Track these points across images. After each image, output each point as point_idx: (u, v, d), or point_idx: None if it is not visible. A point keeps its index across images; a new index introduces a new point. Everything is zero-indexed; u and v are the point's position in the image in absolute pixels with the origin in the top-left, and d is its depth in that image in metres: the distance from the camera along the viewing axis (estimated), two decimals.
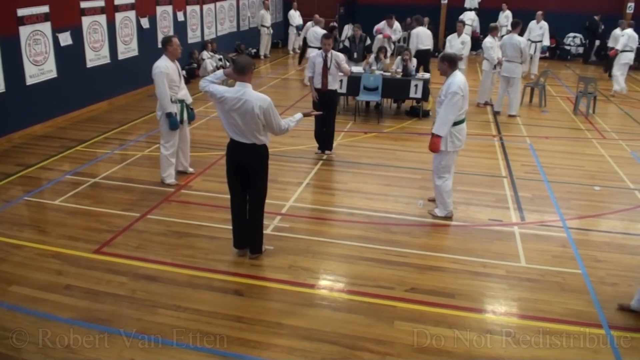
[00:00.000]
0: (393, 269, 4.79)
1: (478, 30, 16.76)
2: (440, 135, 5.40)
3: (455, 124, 5.44)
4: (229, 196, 4.86)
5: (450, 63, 5.42)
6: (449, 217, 5.80)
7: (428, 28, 17.72)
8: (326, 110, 7.33)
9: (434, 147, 5.46)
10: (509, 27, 11.11)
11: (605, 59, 16.07)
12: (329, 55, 7.26)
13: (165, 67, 6.09)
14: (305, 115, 4.90)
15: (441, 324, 4.05)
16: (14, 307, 4.15)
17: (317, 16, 12.39)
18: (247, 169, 4.64)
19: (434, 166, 5.76)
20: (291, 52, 17.62)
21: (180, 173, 6.81)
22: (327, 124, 7.62)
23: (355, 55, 10.61)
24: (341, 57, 7.42)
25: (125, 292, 4.38)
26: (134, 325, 3.96)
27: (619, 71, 12.12)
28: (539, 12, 13.48)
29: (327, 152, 7.77)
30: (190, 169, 6.94)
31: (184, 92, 6.41)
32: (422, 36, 11.42)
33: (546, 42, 13.59)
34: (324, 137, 7.73)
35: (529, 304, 4.33)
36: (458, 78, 5.36)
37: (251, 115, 4.36)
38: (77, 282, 4.50)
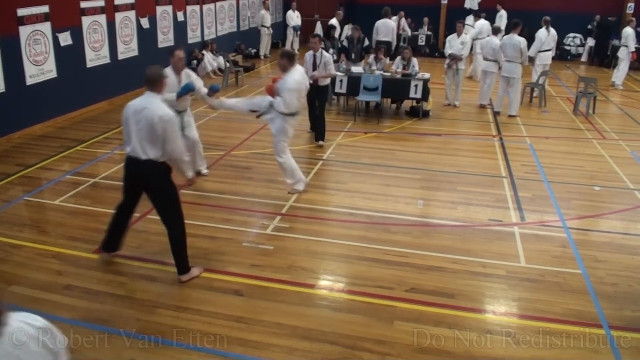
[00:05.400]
0: (393, 269, 4.79)
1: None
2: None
3: (291, 115, 5.96)
4: (229, 196, 4.87)
5: (290, 59, 5.86)
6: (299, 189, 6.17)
7: (428, 28, 17.56)
8: (317, 101, 7.94)
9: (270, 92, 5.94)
10: (502, 27, 11.07)
11: (607, 59, 16.06)
12: (317, 55, 7.56)
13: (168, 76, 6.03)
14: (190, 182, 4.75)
15: (441, 324, 4.05)
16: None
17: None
18: (144, 187, 4.40)
19: (276, 148, 6.14)
20: None
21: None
22: (318, 115, 8.00)
23: (353, 56, 10.63)
24: (329, 58, 7.71)
25: (125, 292, 4.38)
26: (134, 325, 3.95)
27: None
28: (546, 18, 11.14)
29: (320, 142, 8.05)
30: (205, 170, 6.82)
31: (184, 103, 6.28)
32: (380, 28, 11.32)
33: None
34: (317, 128, 8.12)
35: (529, 304, 4.33)
36: (295, 75, 5.81)
37: (150, 125, 4.13)
38: (77, 282, 4.50)
